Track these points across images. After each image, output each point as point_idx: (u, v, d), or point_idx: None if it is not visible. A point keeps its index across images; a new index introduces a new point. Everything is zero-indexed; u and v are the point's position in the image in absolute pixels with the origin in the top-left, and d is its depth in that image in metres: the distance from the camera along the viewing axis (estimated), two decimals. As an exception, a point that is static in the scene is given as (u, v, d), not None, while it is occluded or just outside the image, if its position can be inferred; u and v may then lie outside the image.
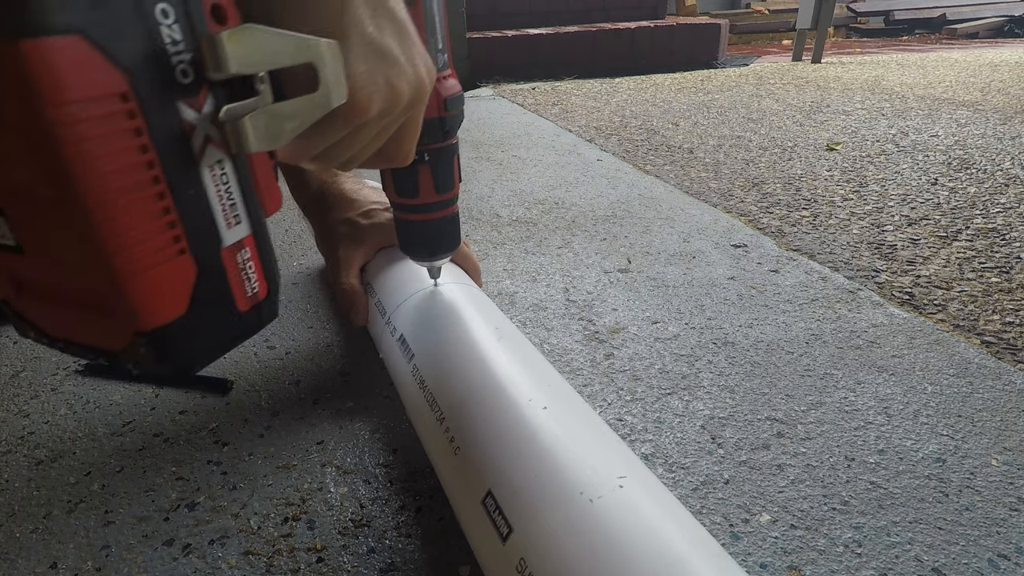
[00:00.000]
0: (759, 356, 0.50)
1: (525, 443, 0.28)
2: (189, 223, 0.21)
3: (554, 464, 0.27)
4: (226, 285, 0.23)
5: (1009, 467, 0.37)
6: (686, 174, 1.03)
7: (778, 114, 1.50)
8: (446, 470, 0.32)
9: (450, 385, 0.34)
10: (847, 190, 0.92)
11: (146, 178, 0.19)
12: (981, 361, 0.48)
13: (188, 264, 0.21)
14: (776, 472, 0.38)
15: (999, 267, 0.65)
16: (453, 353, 0.36)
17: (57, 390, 0.49)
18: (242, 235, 0.23)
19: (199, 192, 0.21)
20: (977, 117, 1.37)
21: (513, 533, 0.25)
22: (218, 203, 0.22)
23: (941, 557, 0.32)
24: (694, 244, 0.73)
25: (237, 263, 0.24)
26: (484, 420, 0.31)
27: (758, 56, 3.03)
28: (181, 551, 0.34)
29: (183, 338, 0.22)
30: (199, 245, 0.22)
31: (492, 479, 0.28)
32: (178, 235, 0.21)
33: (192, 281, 0.22)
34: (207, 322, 0.23)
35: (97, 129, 0.18)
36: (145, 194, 0.19)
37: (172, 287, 0.21)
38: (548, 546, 0.24)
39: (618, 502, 0.24)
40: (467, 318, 0.40)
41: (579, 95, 1.88)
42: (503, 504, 0.27)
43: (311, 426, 0.43)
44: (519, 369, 0.34)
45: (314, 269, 0.70)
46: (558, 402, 0.31)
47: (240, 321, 0.24)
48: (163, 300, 0.21)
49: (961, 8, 4.09)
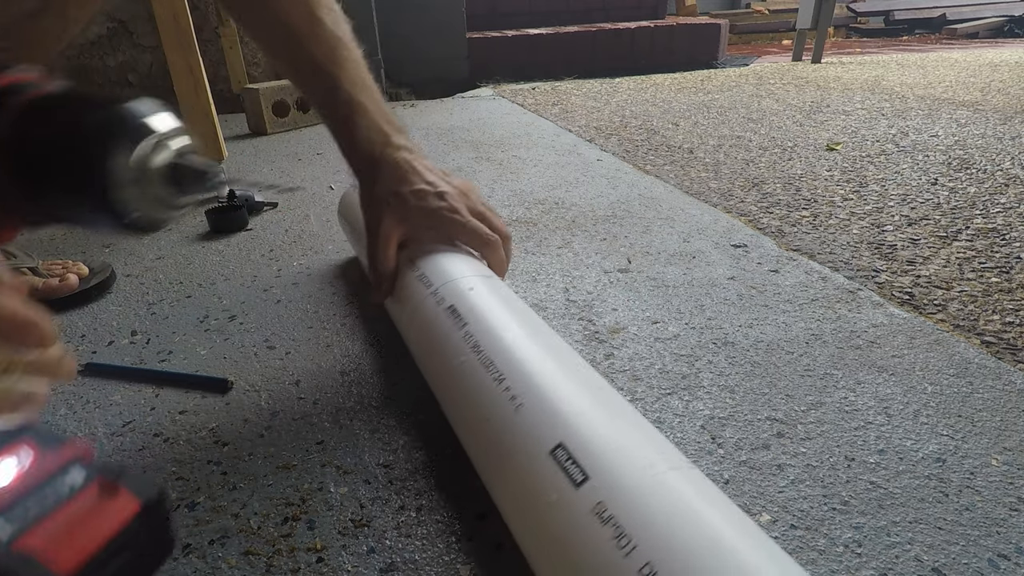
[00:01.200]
0: (759, 356, 0.50)
1: (596, 405, 0.31)
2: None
3: (626, 427, 0.29)
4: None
5: (1009, 467, 0.37)
6: (686, 174, 1.03)
7: (778, 114, 1.50)
8: (504, 426, 0.32)
9: (510, 351, 0.36)
10: (847, 190, 0.92)
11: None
12: (981, 361, 0.48)
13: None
14: (776, 472, 0.38)
15: (999, 267, 0.65)
16: (514, 326, 0.38)
17: (57, 390, 0.49)
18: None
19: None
20: (977, 117, 1.37)
21: (589, 480, 0.26)
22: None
23: (941, 557, 0.32)
24: (694, 244, 0.73)
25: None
26: (552, 379, 0.33)
27: (758, 56, 3.03)
28: (181, 551, 0.34)
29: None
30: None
31: (562, 432, 0.29)
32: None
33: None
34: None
35: None
36: None
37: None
38: (626, 495, 0.25)
39: (684, 478, 0.26)
40: (523, 305, 0.43)
41: (579, 95, 1.88)
42: (576, 454, 0.27)
43: (311, 426, 0.43)
44: (557, 337, 0.38)
45: (314, 269, 0.70)
46: (611, 392, 0.33)
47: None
48: None
49: (961, 8, 4.09)
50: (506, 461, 0.31)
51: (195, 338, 0.56)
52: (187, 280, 0.68)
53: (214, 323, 0.58)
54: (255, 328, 0.57)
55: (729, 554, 0.23)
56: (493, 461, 0.33)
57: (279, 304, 0.62)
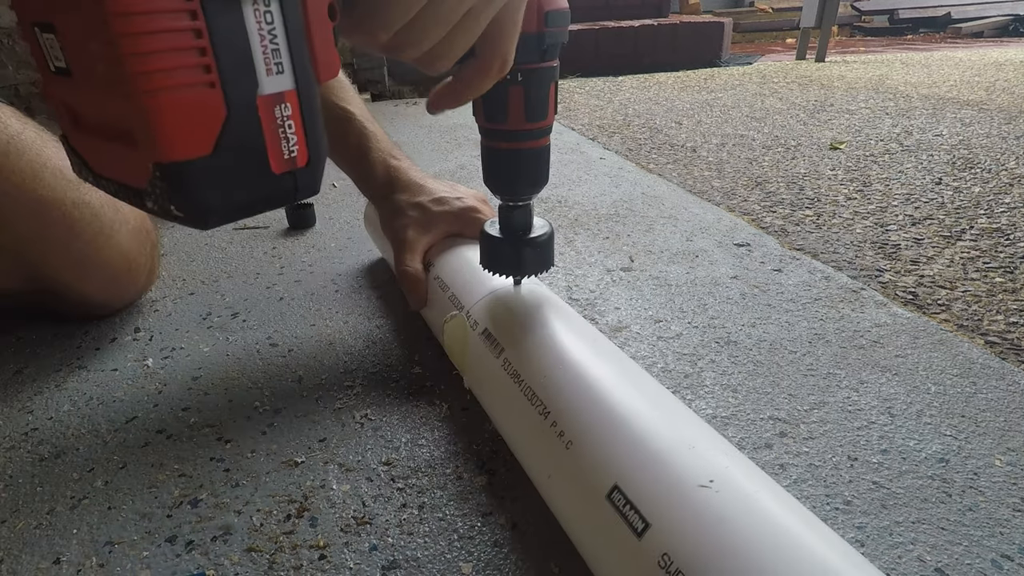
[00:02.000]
0: (762, 355, 0.50)
1: (650, 434, 0.28)
2: (222, 55, 0.19)
3: (682, 456, 0.26)
4: (259, 136, 0.22)
5: (1013, 467, 0.37)
6: (689, 173, 1.03)
7: (782, 113, 1.49)
8: (556, 466, 0.30)
9: (554, 380, 0.33)
10: (851, 189, 0.92)
11: (176, 25, 0.18)
12: (985, 361, 0.48)
13: (217, 101, 0.20)
14: (779, 472, 0.38)
15: (1003, 267, 0.64)
16: (551, 349, 0.35)
17: (60, 386, 0.49)
18: (284, 87, 0.22)
19: (236, 24, 0.20)
20: (982, 116, 1.36)
21: (651, 528, 0.24)
22: (258, 43, 0.20)
23: (944, 557, 0.32)
24: (697, 243, 0.73)
25: (275, 116, 0.22)
26: (600, 413, 0.30)
27: (762, 55, 3.02)
28: (184, 547, 0.34)
29: (205, 182, 0.20)
30: (232, 83, 0.20)
31: (616, 473, 0.27)
32: (208, 64, 0.19)
33: (221, 121, 0.20)
34: (233, 171, 0.21)
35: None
36: (174, 10, 0.18)
37: (197, 121, 0.20)
38: (690, 540, 0.23)
39: (736, 492, 0.24)
40: (556, 316, 0.39)
41: (582, 93, 1.88)
42: (634, 498, 0.25)
43: (313, 423, 0.43)
44: (618, 369, 0.33)
45: (317, 267, 0.70)
46: (662, 399, 0.31)
47: (271, 182, 0.23)
48: (185, 133, 0.19)
49: (966, 7, 4.07)
50: (567, 505, 0.30)
51: (198, 335, 0.56)
52: (190, 277, 0.68)
53: (217, 320, 0.59)
54: (258, 325, 0.57)
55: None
56: (558, 501, 0.31)
57: (282, 301, 0.62)
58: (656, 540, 0.24)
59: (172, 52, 0.18)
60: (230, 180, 0.21)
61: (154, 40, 0.18)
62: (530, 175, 0.38)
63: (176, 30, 0.18)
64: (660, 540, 0.23)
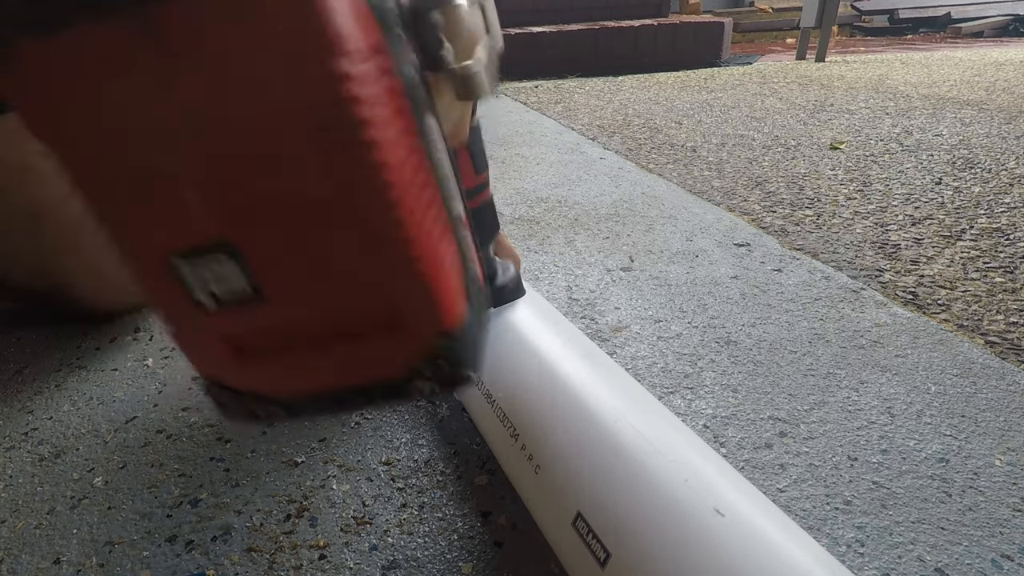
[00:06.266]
0: (762, 355, 0.50)
1: (613, 459, 0.27)
2: (443, 195, 0.17)
3: (647, 481, 0.25)
4: (472, 265, 0.20)
5: (1012, 467, 0.37)
6: (689, 173, 1.03)
7: (782, 113, 1.49)
8: (528, 489, 0.31)
9: (522, 400, 0.33)
10: (851, 189, 0.91)
11: (411, 145, 0.15)
12: (985, 361, 0.48)
13: (452, 244, 0.18)
14: (779, 471, 0.38)
15: (1003, 267, 0.64)
16: (522, 367, 0.35)
17: (60, 386, 0.49)
18: (461, 208, 0.20)
19: (440, 158, 0.17)
20: (982, 116, 1.36)
21: (611, 558, 0.24)
22: (448, 169, 0.18)
23: (944, 557, 0.32)
24: (697, 243, 0.73)
25: (469, 238, 0.20)
26: (565, 437, 0.29)
27: (762, 54, 3.02)
28: (184, 547, 0.34)
29: (477, 324, 0.18)
30: (450, 220, 0.18)
31: (581, 500, 0.26)
32: (439, 213, 0.17)
33: (459, 264, 0.18)
34: (477, 311, 0.19)
35: (374, 87, 0.14)
36: (414, 165, 0.15)
37: (453, 272, 0.17)
38: (651, 571, 0.23)
39: (720, 523, 0.23)
40: (533, 329, 0.38)
41: (582, 93, 1.88)
42: (596, 527, 0.25)
43: (313, 423, 0.43)
44: (596, 381, 0.32)
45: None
46: (643, 414, 0.30)
47: (489, 295, 0.21)
48: (454, 288, 0.17)
49: (966, 7, 4.07)
50: (541, 526, 0.30)
51: (198, 335, 0.56)
52: (190, 277, 0.68)
53: (217, 320, 0.58)
54: (258, 325, 0.57)
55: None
56: (537, 521, 0.31)
57: (282, 301, 0.62)
58: (617, 570, 0.24)
59: (422, 212, 0.16)
60: (478, 321, 0.19)
61: (411, 200, 0.15)
62: (486, 227, 0.37)
63: (418, 187, 0.16)
64: (621, 570, 0.23)
